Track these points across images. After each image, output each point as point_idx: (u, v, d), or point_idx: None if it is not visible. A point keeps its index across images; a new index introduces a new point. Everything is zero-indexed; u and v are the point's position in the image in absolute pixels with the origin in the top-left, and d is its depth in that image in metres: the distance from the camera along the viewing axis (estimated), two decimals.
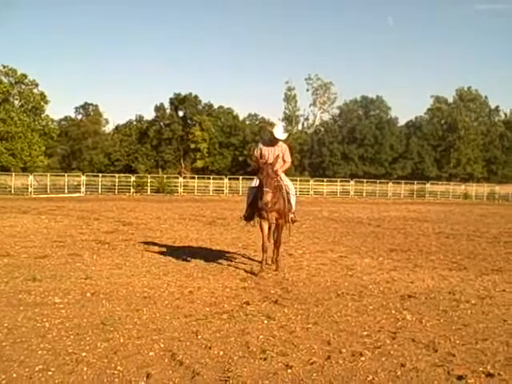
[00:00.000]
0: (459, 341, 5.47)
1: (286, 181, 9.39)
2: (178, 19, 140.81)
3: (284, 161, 9.26)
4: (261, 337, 5.43)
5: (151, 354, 4.89)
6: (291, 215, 9.44)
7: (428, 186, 51.51)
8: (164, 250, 11.30)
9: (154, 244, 12.09)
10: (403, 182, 53.51)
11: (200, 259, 10.13)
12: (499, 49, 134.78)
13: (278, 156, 8.90)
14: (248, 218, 9.51)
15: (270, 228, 9.31)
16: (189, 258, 10.16)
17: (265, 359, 4.80)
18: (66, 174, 45.94)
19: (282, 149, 9.22)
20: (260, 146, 9.37)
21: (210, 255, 10.66)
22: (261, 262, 9.23)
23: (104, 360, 4.69)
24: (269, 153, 9.11)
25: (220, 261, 10.07)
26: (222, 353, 4.95)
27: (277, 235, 9.50)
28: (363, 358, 4.88)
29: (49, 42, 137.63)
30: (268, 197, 8.34)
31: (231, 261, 10.14)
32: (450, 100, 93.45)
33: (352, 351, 5.07)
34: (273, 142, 9.24)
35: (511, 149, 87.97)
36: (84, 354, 4.80)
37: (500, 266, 10.34)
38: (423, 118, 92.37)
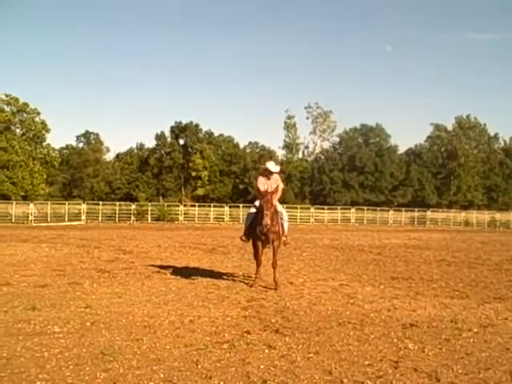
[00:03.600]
0: (462, 370, 5.43)
1: (279, 208, 10.87)
2: (178, 47, 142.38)
3: (277, 185, 10.80)
4: (262, 366, 5.39)
5: None
6: (283, 238, 10.90)
7: (429, 213, 51.50)
8: (164, 278, 11.26)
9: (155, 273, 12.04)
10: (404, 209, 53.48)
11: (200, 288, 10.11)
12: (498, 77, 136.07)
13: (277, 186, 10.59)
14: (246, 237, 10.97)
15: (263, 247, 10.77)
16: (189, 287, 10.15)
17: None
18: (66, 202, 45.98)
19: (276, 179, 10.94)
20: (260, 178, 10.97)
21: (211, 284, 10.63)
22: (255, 276, 10.91)
23: None
24: (266, 183, 10.73)
25: (220, 289, 10.04)
26: (222, 383, 4.92)
27: (273, 258, 10.65)
28: None
29: (50, 70, 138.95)
30: (268, 219, 9.85)
31: (232, 289, 10.09)
32: (450, 128, 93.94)
33: (354, 381, 5.03)
34: (268, 175, 10.90)
35: (511, 176, 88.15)
36: None
37: (502, 294, 10.29)
38: (423, 145, 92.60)
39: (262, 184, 10.70)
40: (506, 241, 28.75)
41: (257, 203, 10.72)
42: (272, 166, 10.97)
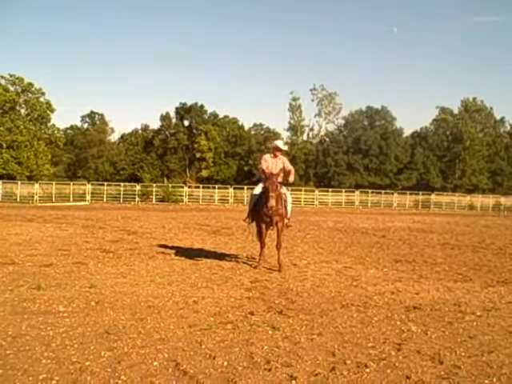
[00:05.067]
0: (465, 353, 5.44)
1: (284, 190, 10.70)
2: (184, 29, 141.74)
3: (289, 170, 10.73)
4: (265, 347, 5.41)
5: (155, 363, 4.88)
6: (286, 220, 10.82)
7: (433, 196, 51.28)
8: (169, 259, 11.30)
9: (159, 253, 12.07)
10: (408, 192, 53.29)
11: (204, 269, 10.14)
12: (504, 60, 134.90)
13: (282, 169, 10.46)
14: (250, 220, 10.94)
15: (267, 229, 10.68)
16: (193, 268, 10.18)
17: (269, 370, 4.79)
18: (71, 183, 45.93)
19: (283, 160, 10.77)
20: (265, 157, 10.84)
21: (215, 265, 10.66)
22: (259, 257, 10.85)
23: (108, 369, 4.69)
24: (272, 164, 10.60)
25: (224, 270, 10.07)
26: (226, 363, 4.94)
27: (277, 239, 10.69)
28: (368, 370, 4.86)
29: (55, 50, 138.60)
30: (273, 201, 9.77)
31: (236, 271, 10.12)
32: (456, 111, 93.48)
33: (357, 362, 5.05)
34: (275, 154, 10.73)
35: None
36: (88, 363, 4.80)
37: (506, 278, 10.29)
38: (428, 128, 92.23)
39: (266, 162, 10.61)
40: (511, 225, 28.70)
41: (260, 184, 10.65)
42: (281, 143, 11.02)
